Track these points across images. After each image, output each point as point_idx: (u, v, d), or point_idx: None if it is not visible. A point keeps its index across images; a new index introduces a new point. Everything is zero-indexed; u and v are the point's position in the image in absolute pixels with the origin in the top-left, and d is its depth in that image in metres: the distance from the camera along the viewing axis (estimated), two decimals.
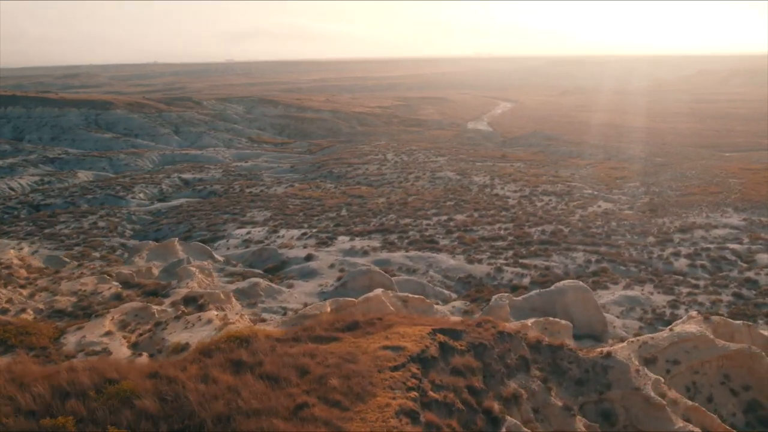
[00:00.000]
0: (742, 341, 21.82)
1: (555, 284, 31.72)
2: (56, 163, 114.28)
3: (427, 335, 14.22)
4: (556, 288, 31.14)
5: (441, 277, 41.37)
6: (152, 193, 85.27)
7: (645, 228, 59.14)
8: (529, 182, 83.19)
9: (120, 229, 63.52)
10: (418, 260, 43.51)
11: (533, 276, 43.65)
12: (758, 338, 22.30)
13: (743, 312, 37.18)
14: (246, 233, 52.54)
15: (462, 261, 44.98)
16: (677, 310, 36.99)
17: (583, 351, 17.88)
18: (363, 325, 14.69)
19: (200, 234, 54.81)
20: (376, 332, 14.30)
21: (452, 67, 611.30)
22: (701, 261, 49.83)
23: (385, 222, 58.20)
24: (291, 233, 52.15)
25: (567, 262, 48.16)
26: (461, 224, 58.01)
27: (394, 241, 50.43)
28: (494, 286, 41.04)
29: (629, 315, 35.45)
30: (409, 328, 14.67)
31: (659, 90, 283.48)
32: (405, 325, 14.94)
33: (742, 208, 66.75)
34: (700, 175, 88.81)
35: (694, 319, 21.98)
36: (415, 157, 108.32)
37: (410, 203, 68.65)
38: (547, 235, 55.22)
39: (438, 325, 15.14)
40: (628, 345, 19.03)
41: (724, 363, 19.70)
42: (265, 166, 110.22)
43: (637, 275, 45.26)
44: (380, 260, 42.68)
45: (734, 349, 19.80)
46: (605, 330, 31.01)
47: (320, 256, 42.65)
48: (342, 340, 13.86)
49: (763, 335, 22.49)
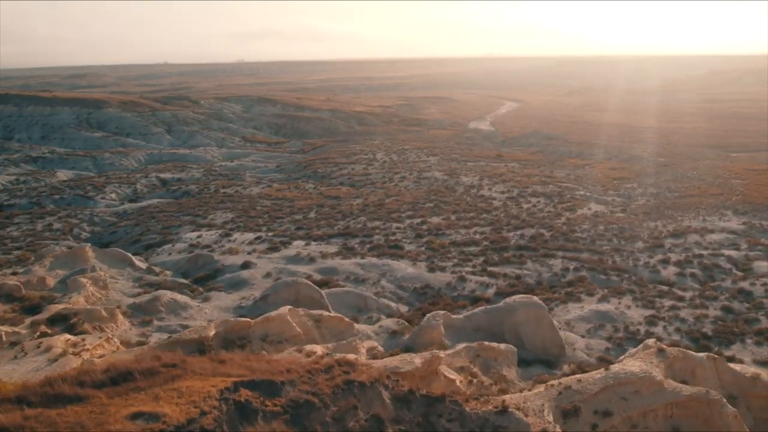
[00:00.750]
0: (705, 380, 17.53)
1: (505, 300, 27.50)
2: (39, 162, 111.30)
3: (220, 392, 10.08)
4: (505, 305, 26.92)
5: (394, 288, 37.19)
6: (125, 193, 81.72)
7: (634, 232, 54.63)
8: (519, 183, 78.77)
9: (76, 231, 59.89)
10: (371, 268, 39.31)
11: (500, 286, 39.34)
12: (727, 375, 18.00)
13: (730, 330, 32.72)
14: (196, 237, 48.57)
15: (422, 269, 40.76)
16: (654, 328, 32.61)
17: (475, 403, 13.63)
18: (138, 377, 10.60)
19: (150, 237, 50.98)
20: (148, 388, 10.22)
21: (461, 67, 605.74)
22: (692, 269, 45.30)
23: (351, 225, 54.07)
24: (245, 237, 48.13)
25: (542, 270, 43.79)
26: (434, 227, 53.77)
27: (354, 247, 46.27)
28: (453, 298, 36.80)
29: (597, 333, 31.07)
30: (202, 380, 10.60)
31: (668, 90, 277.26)
32: (201, 375, 10.83)
33: (742, 210, 62.01)
34: (701, 176, 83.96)
35: (646, 352, 17.69)
36: (405, 156, 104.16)
37: (387, 205, 64.49)
38: (525, 239, 50.88)
39: (249, 376, 10.99)
40: (545, 391, 14.87)
41: (674, 412, 15.44)
42: (251, 165, 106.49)
43: (618, 285, 40.80)
44: (326, 268, 38.54)
45: (687, 394, 15.53)
46: (562, 353, 26.75)
47: (259, 264, 38.57)
48: (89, 401, 9.81)
49: (734, 371, 18.17)
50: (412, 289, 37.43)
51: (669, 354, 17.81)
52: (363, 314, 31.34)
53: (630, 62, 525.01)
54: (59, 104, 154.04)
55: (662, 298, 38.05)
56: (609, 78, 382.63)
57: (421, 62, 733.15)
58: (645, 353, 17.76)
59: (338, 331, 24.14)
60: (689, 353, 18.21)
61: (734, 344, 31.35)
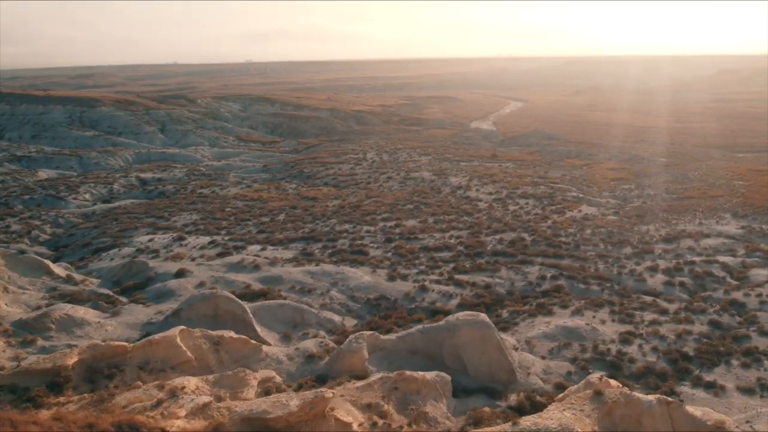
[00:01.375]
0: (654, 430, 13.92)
1: (446, 317, 23.94)
2: (23, 161, 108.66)
3: None
4: (446, 323, 23.39)
5: (345, 298, 33.67)
6: (100, 193, 78.74)
7: (624, 237, 50.86)
8: (509, 184, 75.06)
9: (35, 233, 56.81)
10: (322, 276, 35.79)
11: (465, 297, 35.77)
12: (683, 424, 14.40)
13: (714, 349, 28.97)
14: (147, 240, 45.25)
15: (381, 277, 37.25)
16: (628, 347, 28.92)
17: None
18: None
19: (102, 241, 47.74)
20: None
21: (469, 67, 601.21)
22: (681, 277, 41.55)
23: (318, 228, 50.59)
24: (198, 241, 44.78)
25: (516, 278, 40.15)
26: (408, 231, 50.22)
27: (314, 252, 42.83)
28: (409, 311, 33.27)
29: (560, 354, 27.42)
30: None
31: (677, 89, 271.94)
32: None
33: (742, 213, 58.02)
34: (703, 177, 79.87)
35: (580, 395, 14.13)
36: (396, 156, 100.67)
37: (364, 206, 60.98)
38: (504, 244, 47.22)
39: None
40: None
41: None
42: (238, 165, 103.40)
43: (597, 296, 37.15)
44: (270, 277, 35.06)
45: None
46: (512, 379, 23.17)
47: (195, 272, 35.19)
48: None
49: (693, 418, 14.55)
50: (364, 300, 33.91)
51: (608, 398, 14.21)
52: (298, 330, 27.90)
53: (639, 62, 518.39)
54: (52, 103, 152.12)
55: (644, 310, 34.35)
56: (617, 78, 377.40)
57: (429, 62, 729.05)
58: (578, 397, 14.20)
59: (241, 356, 20.70)
60: (635, 397, 14.56)
61: (718, 366, 27.65)
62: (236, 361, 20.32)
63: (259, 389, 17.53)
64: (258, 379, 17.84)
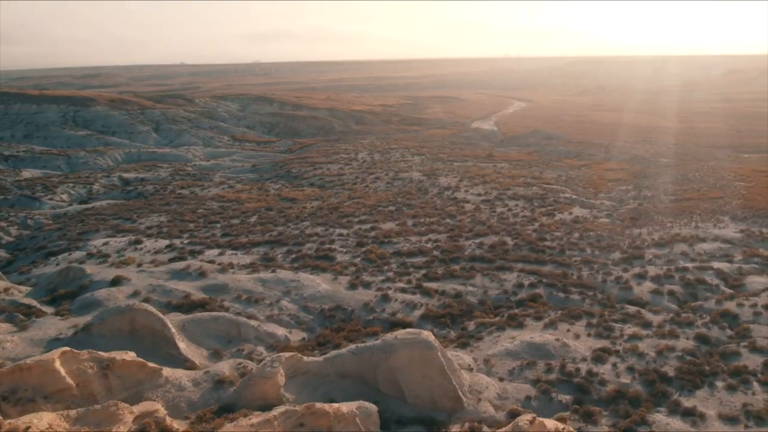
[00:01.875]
0: None
1: (383, 336, 21.11)
2: (10, 161, 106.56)
3: None
4: (382, 343, 20.58)
5: (296, 309, 30.88)
6: (78, 194, 76.36)
7: (613, 241, 47.86)
8: (501, 184, 72.08)
9: None
10: (274, 285, 33.00)
11: (431, 307, 32.93)
12: None
13: (698, 369, 25.97)
14: (102, 244, 42.60)
15: (342, 285, 34.44)
16: (601, 366, 25.96)
17: None
18: None
19: (57, 245, 45.15)
20: None
21: (475, 67, 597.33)
22: (671, 285, 38.56)
23: (288, 231, 47.84)
24: (156, 245, 42.12)
25: (491, 286, 37.24)
26: (383, 234, 47.40)
27: (276, 257, 40.06)
28: (366, 322, 30.43)
29: (522, 375, 24.48)
30: None
31: (684, 89, 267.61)
32: None
33: (741, 216, 54.84)
34: (703, 178, 76.57)
35: None
36: (388, 156, 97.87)
37: (343, 208, 58.20)
38: (483, 249, 44.32)
39: None
40: None
41: None
42: (227, 165, 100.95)
43: (576, 306, 34.20)
44: (214, 285, 32.29)
45: None
46: (458, 407, 20.31)
47: (134, 280, 32.49)
48: None
49: None
50: (318, 311, 31.10)
51: None
52: (232, 346, 25.14)
53: (647, 62, 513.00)
54: (46, 102, 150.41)
55: (625, 323, 31.40)
56: (624, 78, 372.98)
57: (435, 63, 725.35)
58: None
59: (135, 381, 17.97)
60: None
61: (700, 389, 24.67)
62: (128, 388, 17.60)
63: (133, 427, 14.75)
64: (135, 414, 15.07)
